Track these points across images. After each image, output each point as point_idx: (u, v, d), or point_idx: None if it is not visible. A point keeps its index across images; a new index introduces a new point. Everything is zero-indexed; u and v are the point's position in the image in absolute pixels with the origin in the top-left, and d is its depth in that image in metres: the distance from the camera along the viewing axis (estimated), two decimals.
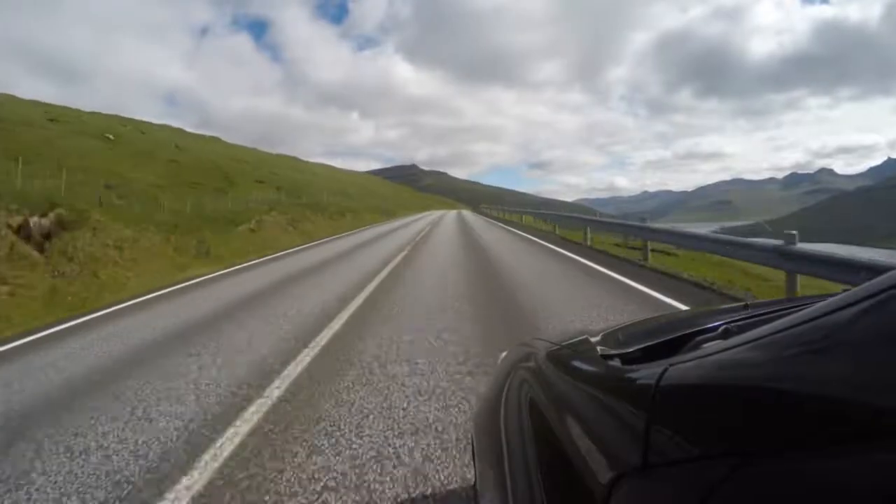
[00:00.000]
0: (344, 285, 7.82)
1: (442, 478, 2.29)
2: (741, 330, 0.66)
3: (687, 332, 0.87)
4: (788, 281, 5.61)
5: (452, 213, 58.17)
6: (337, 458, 2.53)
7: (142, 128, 51.72)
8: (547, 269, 8.86)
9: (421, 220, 34.36)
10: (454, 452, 2.48)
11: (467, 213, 50.92)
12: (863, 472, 0.35)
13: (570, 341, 1.08)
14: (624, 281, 7.39)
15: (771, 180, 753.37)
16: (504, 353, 1.48)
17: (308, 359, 4.17)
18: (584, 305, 5.80)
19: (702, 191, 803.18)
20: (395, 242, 15.90)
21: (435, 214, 48.64)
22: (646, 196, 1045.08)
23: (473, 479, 1.51)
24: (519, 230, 20.40)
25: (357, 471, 2.39)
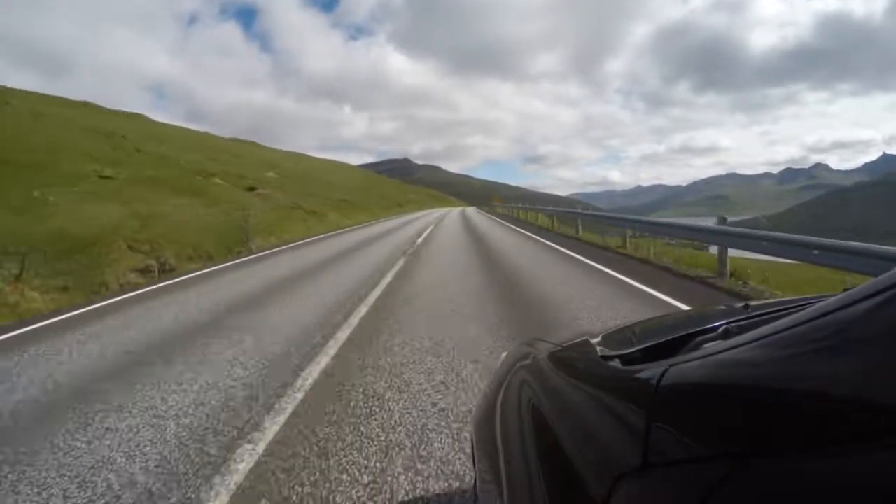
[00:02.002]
0: None
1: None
2: (741, 330, 0.66)
3: (687, 332, 0.87)
4: None
5: (454, 213, 39.26)
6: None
7: (11, 97, 38.25)
8: None
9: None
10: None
11: (481, 219, 27.91)
12: (863, 472, 0.35)
13: (571, 342, 1.08)
14: None
15: (766, 175, 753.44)
16: (504, 354, 1.48)
17: None
18: None
19: (696, 185, 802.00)
20: None
21: (412, 228, 21.21)
22: (640, 190, 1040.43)
23: (473, 480, 1.50)
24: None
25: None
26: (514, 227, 19.89)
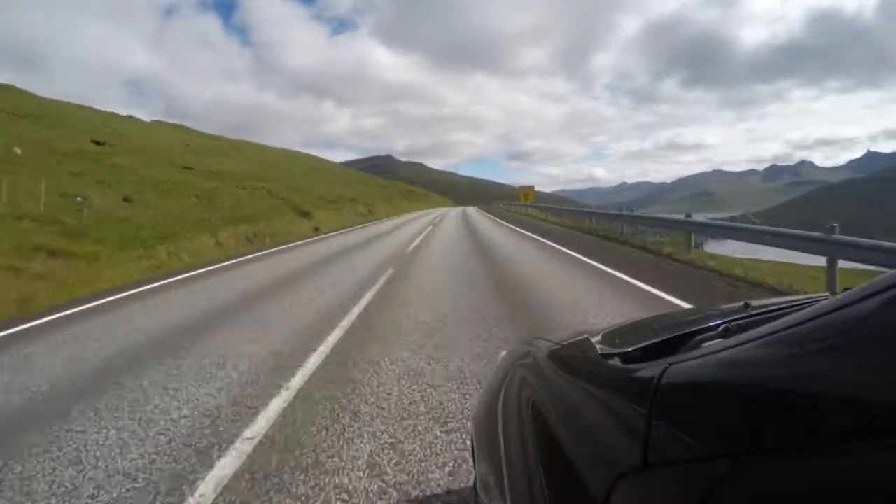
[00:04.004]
0: None
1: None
2: (741, 329, 0.66)
3: (687, 331, 0.86)
4: None
5: (453, 213, 33.56)
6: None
7: None
8: None
9: None
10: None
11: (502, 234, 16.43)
12: (863, 472, 0.35)
13: (571, 341, 1.07)
14: None
15: (751, 172, 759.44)
16: (504, 352, 1.47)
17: None
18: None
19: (682, 182, 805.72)
20: None
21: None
22: (625, 187, 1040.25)
23: (473, 479, 1.50)
24: None
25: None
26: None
